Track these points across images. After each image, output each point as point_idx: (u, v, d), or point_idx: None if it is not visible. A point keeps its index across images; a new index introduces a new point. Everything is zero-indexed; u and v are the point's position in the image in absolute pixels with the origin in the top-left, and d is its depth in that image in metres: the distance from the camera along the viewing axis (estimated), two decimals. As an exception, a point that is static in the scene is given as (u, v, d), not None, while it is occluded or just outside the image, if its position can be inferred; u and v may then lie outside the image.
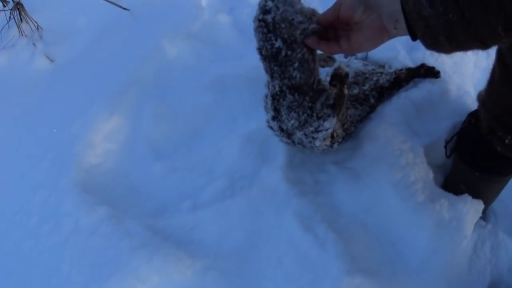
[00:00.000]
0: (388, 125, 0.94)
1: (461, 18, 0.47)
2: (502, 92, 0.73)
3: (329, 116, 0.77)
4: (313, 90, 0.75)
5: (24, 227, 1.10)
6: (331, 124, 0.78)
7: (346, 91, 0.80)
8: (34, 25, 1.66)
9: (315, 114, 0.76)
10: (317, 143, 0.81)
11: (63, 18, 1.59)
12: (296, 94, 0.74)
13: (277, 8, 0.67)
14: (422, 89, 1.02)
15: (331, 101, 0.76)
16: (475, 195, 0.88)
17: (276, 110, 0.79)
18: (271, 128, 0.85)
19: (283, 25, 0.68)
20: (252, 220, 0.89)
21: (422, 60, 1.06)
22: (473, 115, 0.88)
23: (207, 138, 1.05)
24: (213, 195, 0.95)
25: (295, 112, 0.76)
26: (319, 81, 0.76)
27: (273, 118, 0.81)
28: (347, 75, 0.79)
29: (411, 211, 0.85)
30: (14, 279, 1.03)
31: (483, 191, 0.89)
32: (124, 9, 1.38)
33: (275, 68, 0.72)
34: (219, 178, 0.97)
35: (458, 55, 1.02)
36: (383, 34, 0.59)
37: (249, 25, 0.81)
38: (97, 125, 1.13)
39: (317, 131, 0.78)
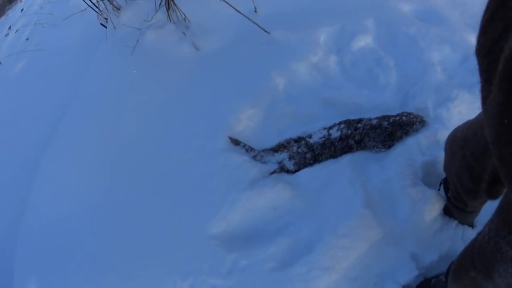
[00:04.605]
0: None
1: None
2: None
3: None
4: None
5: (180, 158, 1.77)
6: None
7: None
8: (182, 16, 2.22)
9: None
10: None
11: (207, 16, 2.17)
12: None
13: None
14: None
15: None
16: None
17: None
18: None
19: None
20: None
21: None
22: None
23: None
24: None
25: None
26: None
27: None
28: None
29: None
30: (166, 187, 1.72)
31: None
32: (266, 32, 2.00)
33: None
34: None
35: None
36: None
37: (349, 66, 1.51)
38: (243, 109, 1.85)
39: None
